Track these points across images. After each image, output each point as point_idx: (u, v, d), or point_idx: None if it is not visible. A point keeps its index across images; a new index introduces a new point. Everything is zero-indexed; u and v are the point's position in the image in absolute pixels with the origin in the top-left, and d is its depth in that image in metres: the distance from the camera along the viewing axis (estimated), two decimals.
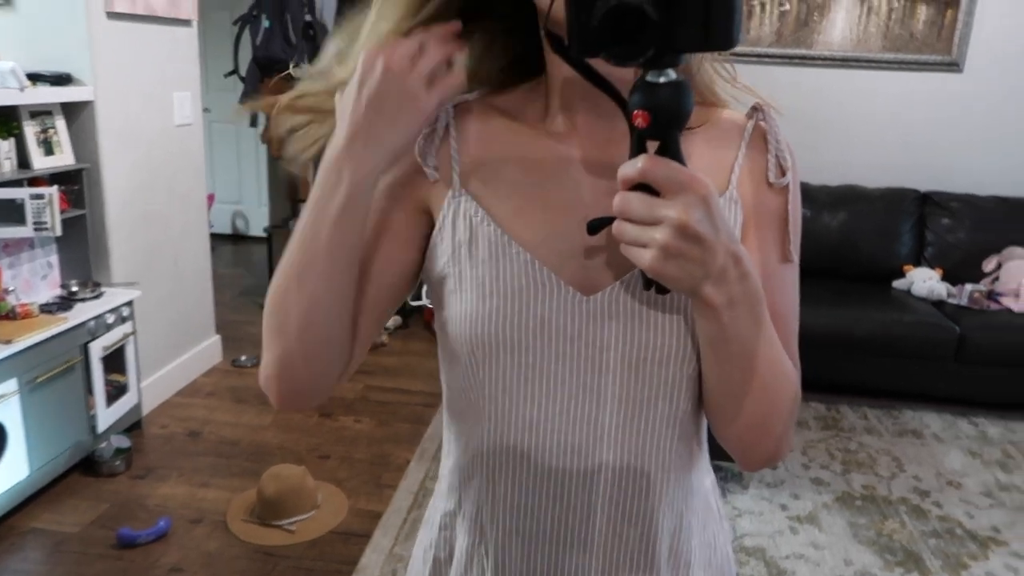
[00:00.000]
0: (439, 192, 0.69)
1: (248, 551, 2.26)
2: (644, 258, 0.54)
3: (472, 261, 0.66)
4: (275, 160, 4.25)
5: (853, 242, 3.68)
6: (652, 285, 0.60)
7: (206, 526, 2.37)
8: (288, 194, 4.21)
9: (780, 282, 0.68)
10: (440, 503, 0.78)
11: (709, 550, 0.76)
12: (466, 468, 0.73)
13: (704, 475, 0.76)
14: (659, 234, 0.53)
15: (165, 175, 3.07)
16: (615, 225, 0.55)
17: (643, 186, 0.54)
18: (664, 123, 0.54)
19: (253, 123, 3.96)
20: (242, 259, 5.46)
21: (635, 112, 0.54)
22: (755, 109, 0.70)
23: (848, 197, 3.74)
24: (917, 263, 3.68)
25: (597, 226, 0.60)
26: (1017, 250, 3.50)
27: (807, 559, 2.32)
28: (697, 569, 0.75)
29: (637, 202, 0.54)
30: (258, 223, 5.73)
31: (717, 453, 2.47)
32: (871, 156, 3.90)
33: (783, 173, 0.68)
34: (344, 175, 0.63)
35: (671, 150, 0.55)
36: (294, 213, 4.31)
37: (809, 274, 3.89)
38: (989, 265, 3.55)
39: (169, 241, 3.14)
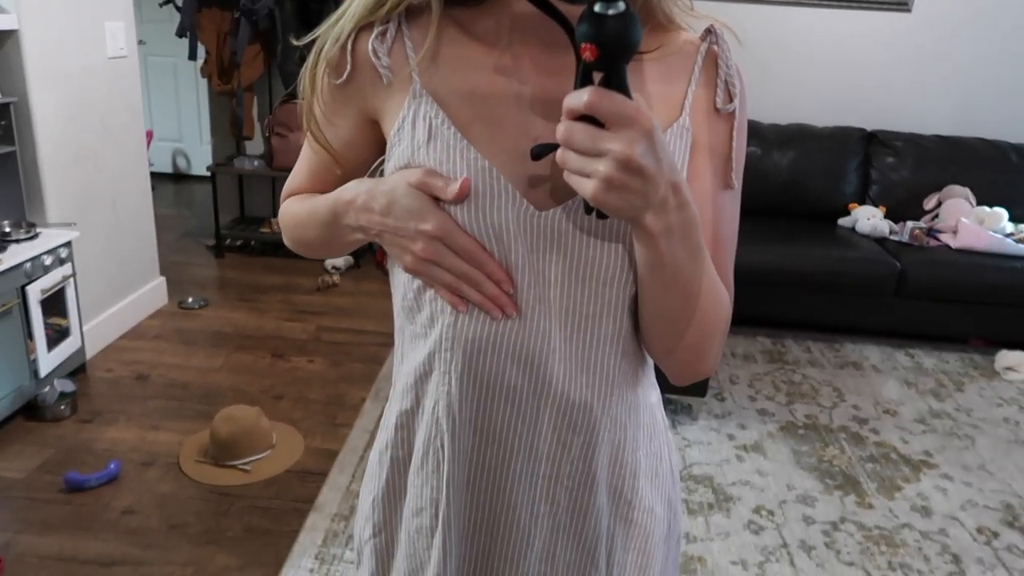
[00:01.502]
0: (392, 95, 0.69)
1: (203, 492, 2.25)
2: (587, 188, 0.55)
3: (430, 163, 0.67)
4: (218, 95, 4.08)
5: (801, 180, 3.74)
6: (593, 211, 0.62)
7: (158, 468, 2.34)
8: (232, 131, 4.06)
9: (720, 208, 0.71)
10: (395, 405, 0.80)
11: (656, 460, 0.80)
12: (423, 364, 0.74)
13: (649, 391, 0.80)
14: (602, 166, 0.54)
15: (99, 111, 2.93)
16: (559, 153, 0.56)
17: (588, 117, 0.54)
18: (611, 55, 0.53)
19: (192, 56, 3.79)
20: (184, 199, 5.30)
21: (583, 44, 0.53)
22: (708, 32, 0.71)
23: (797, 136, 3.78)
24: (862, 201, 3.76)
25: (540, 152, 0.60)
26: (956, 188, 3.61)
27: (752, 485, 2.42)
28: (643, 479, 0.78)
29: (581, 133, 0.54)
30: (200, 162, 5.55)
31: (671, 387, 2.52)
32: (820, 95, 3.94)
33: (731, 99, 0.69)
34: (343, 221, 0.74)
35: (617, 82, 0.54)
36: (239, 151, 4.17)
37: (758, 212, 3.99)
38: (929, 203, 3.66)
39: (106, 180, 3.02)
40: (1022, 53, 3.80)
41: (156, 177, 3.48)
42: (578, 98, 0.54)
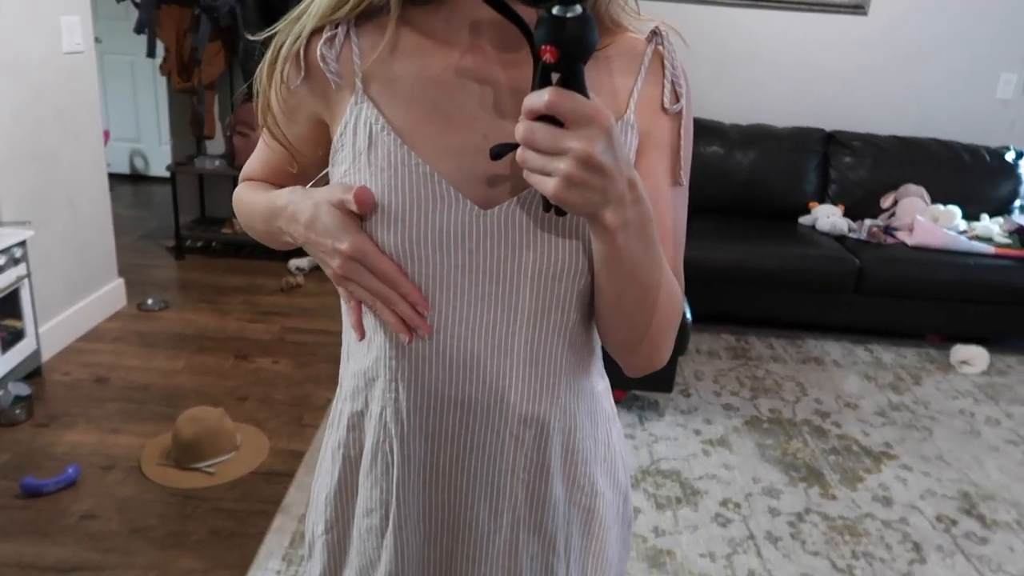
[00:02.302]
0: (340, 100, 0.70)
1: (165, 495, 2.20)
2: (548, 186, 0.56)
3: (371, 169, 0.68)
4: (178, 94, 4.01)
5: (762, 180, 3.80)
6: (552, 208, 0.63)
7: (119, 472, 2.29)
8: (192, 130, 3.98)
9: (670, 204, 0.73)
10: (346, 406, 0.80)
11: (604, 446, 0.82)
12: (369, 370, 0.75)
13: (596, 380, 0.81)
14: (563, 164, 0.55)
15: (55, 107, 2.85)
16: (519, 152, 0.57)
17: (547, 116, 0.55)
18: (570, 57, 0.55)
19: (151, 53, 3.71)
20: (143, 200, 5.19)
21: (543, 47, 0.55)
22: (654, 33, 0.72)
23: (758, 136, 3.84)
24: (821, 200, 3.84)
25: (500, 152, 0.61)
26: (912, 187, 3.70)
27: (719, 479, 2.44)
28: (594, 464, 0.80)
29: (542, 132, 0.55)
30: (159, 162, 5.43)
31: (638, 383, 2.54)
32: (780, 96, 4.01)
33: (677, 99, 0.71)
34: (275, 223, 0.76)
35: (576, 82, 0.56)
36: (199, 150, 4.10)
37: (720, 211, 4.05)
38: (886, 201, 3.75)
39: (63, 179, 2.94)
40: (976, 56, 3.92)
41: (113, 178, 3.40)
42: (538, 98, 0.55)
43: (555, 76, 0.56)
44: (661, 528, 2.19)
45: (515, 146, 0.58)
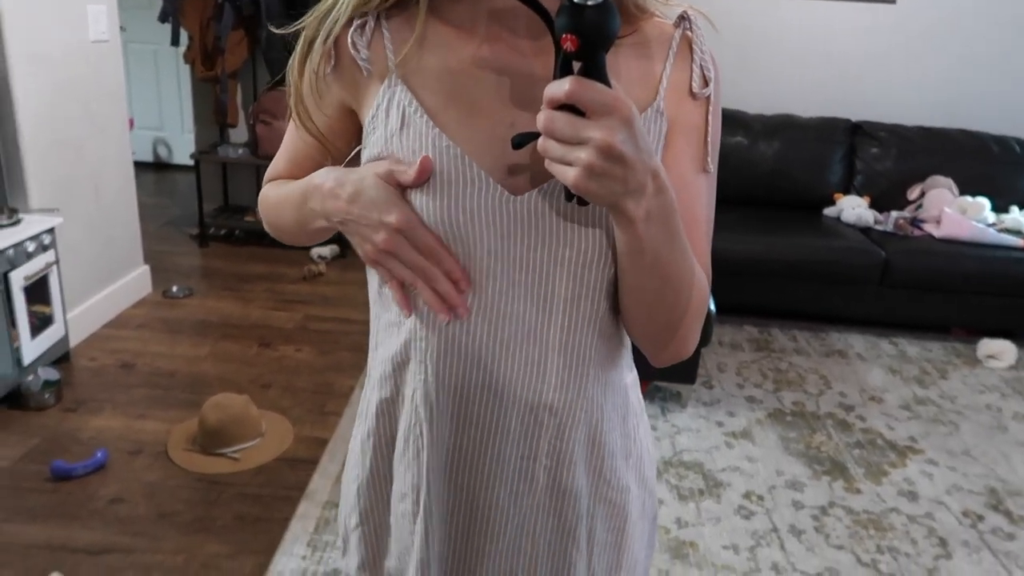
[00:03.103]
0: (370, 85, 0.71)
1: (191, 480, 2.23)
2: (569, 175, 0.56)
3: (403, 151, 0.68)
4: (201, 82, 4.03)
5: (787, 170, 3.76)
6: (574, 198, 0.63)
7: (146, 457, 2.32)
8: (216, 118, 4.01)
9: (697, 192, 0.71)
10: (374, 394, 0.80)
11: (630, 440, 0.81)
12: (398, 354, 0.75)
13: (625, 373, 0.80)
14: (584, 154, 0.55)
15: (81, 95, 2.88)
16: (541, 142, 0.57)
17: (568, 105, 0.55)
18: (591, 45, 0.55)
19: (175, 42, 3.73)
20: (166, 188, 5.23)
21: (563, 35, 0.54)
22: (682, 18, 0.72)
23: (783, 126, 3.80)
24: (847, 191, 3.79)
25: (521, 142, 0.61)
26: (939, 179, 3.64)
27: (742, 471, 2.43)
28: (619, 458, 0.80)
29: (563, 122, 0.55)
30: (182, 151, 5.48)
31: (660, 374, 2.53)
32: (805, 86, 3.96)
33: (706, 84, 0.70)
34: (309, 204, 0.75)
35: (597, 71, 0.55)
36: (223, 138, 4.12)
37: (744, 202, 4.01)
38: (913, 193, 3.70)
39: (89, 167, 2.97)
40: (1004, 45, 3.85)
41: (137, 166, 3.42)
42: (559, 87, 0.55)
43: (576, 65, 0.56)
44: (684, 520, 2.18)
45: (536, 135, 0.58)
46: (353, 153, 0.78)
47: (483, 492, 0.76)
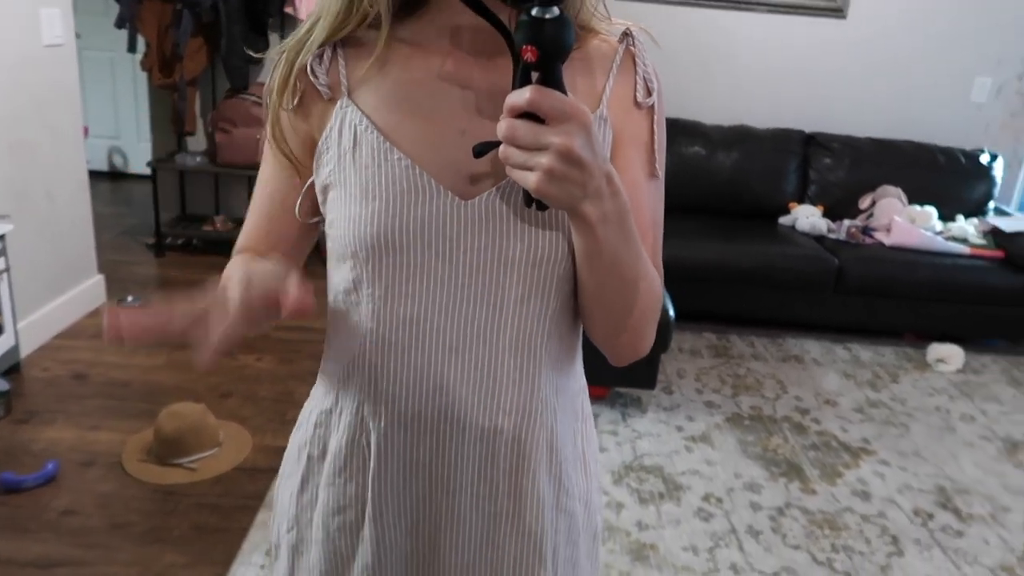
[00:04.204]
0: (327, 110, 0.73)
1: (147, 491, 2.19)
2: (530, 180, 0.58)
3: (356, 167, 0.71)
4: (158, 90, 3.97)
5: (744, 180, 3.84)
6: (533, 203, 0.65)
7: (99, 468, 2.27)
8: (173, 127, 3.95)
9: (646, 196, 0.75)
10: (316, 404, 0.81)
11: (578, 450, 0.83)
12: (348, 365, 0.76)
13: (574, 380, 0.82)
14: (544, 159, 0.57)
15: (34, 100, 2.82)
16: (502, 149, 0.59)
17: (528, 114, 0.58)
18: (549, 57, 0.58)
19: (132, 48, 3.68)
20: (121, 198, 5.13)
21: (524, 47, 0.57)
22: (625, 35, 0.75)
23: (739, 137, 3.88)
24: (801, 200, 3.88)
25: (482, 150, 0.64)
26: (890, 188, 3.76)
27: (701, 474, 2.47)
28: (571, 465, 0.81)
29: (524, 129, 0.58)
30: (138, 160, 5.37)
31: (620, 380, 2.57)
32: (761, 98, 4.06)
33: (649, 94, 0.74)
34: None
35: (554, 81, 0.58)
36: (180, 147, 4.06)
37: (702, 211, 4.07)
38: (864, 202, 3.80)
39: (42, 173, 2.91)
40: (950, 60, 3.99)
41: (92, 176, 3.35)
42: (520, 96, 0.57)
43: (535, 76, 0.59)
44: (644, 522, 2.21)
45: (497, 144, 0.60)
46: (309, 183, 0.77)
47: (444, 499, 0.76)
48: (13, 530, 1.99)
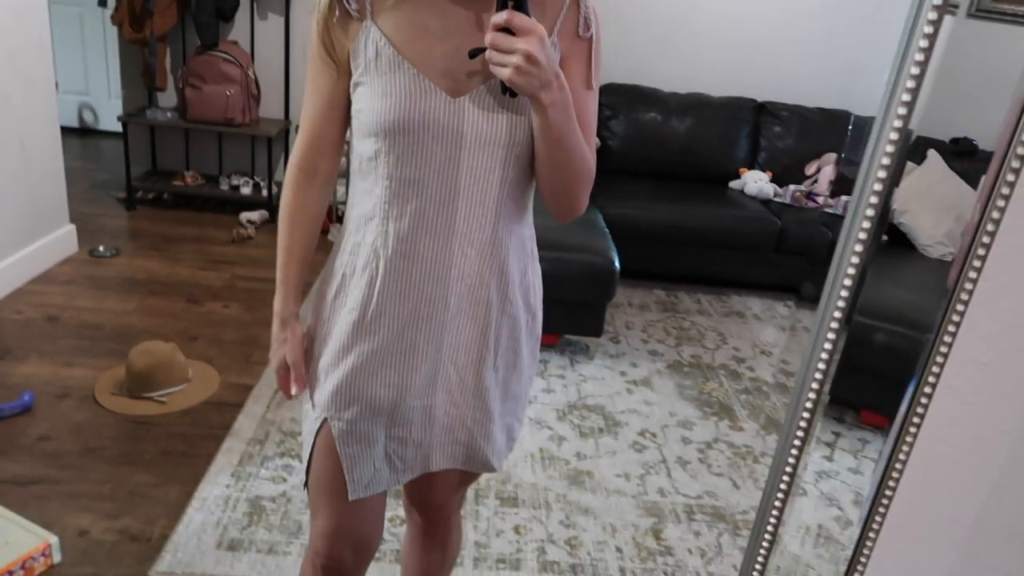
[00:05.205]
0: (355, 27, 1.01)
1: (118, 420, 2.33)
2: (504, 73, 0.90)
3: (377, 72, 1.00)
4: (128, 45, 4.03)
5: (697, 146, 4.01)
6: (507, 91, 0.96)
7: (73, 400, 2.41)
8: (144, 82, 4.02)
9: (585, 100, 1.06)
10: (351, 238, 1.10)
11: (522, 275, 1.14)
12: (368, 211, 1.06)
13: (525, 228, 1.14)
14: (514, 59, 0.88)
15: (5, 51, 2.90)
16: (488, 53, 0.90)
17: (504, 29, 0.88)
18: None
19: (102, 2, 3.73)
20: (92, 154, 5.18)
21: None
22: None
23: (694, 104, 4.05)
24: (751, 166, 4.07)
25: (475, 53, 0.94)
26: (833, 156, 3.95)
27: (639, 413, 2.67)
28: (516, 286, 1.13)
29: (501, 39, 0.89)
30: (108, 116, 5.42)
31: (569, 328, 2.78)
32: (716, 67, 4.22)
33: (588, 28, 1.05)
34: (277, 318, 1.17)
35: (523, 7, 0.89)
36: (151, 102, 4.14)
37: (656, 175, 4.23)
38: (810, 169, 4.00)
39: (14, 122, 2.99)
40: (891, 37, 4.16)
41: (63, 131, 3.42)
42: (500, 16, 0.88)
43: (510, 4, 0.88)
44: (583, 453, 2.40)
45: (483, 49, 0.90)
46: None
47: (424, 305, 1.07)
48: None
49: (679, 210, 3.66)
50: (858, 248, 0.83)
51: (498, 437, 1.19)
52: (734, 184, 4.01)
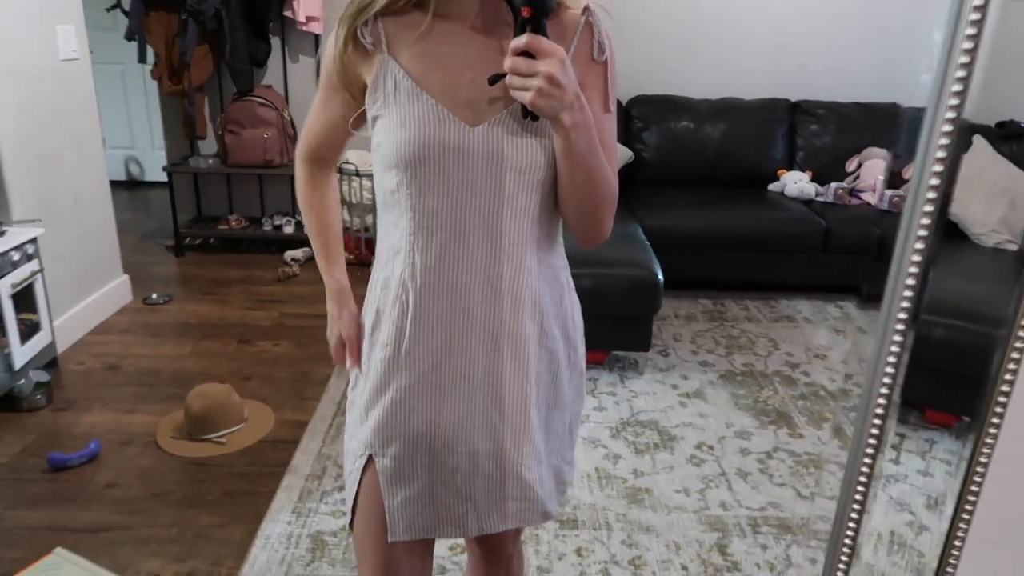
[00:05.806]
0: (372, 61, 1.02)
1: (181, 464, 2.38)
2: (526, 97, 0.89)
3: (396, 104, 1.00)
4: (169, 97, 4.17)
5: (732, 150, 3.97)
6: (528, 115, 0.96)
7: (136, 446, 2.47)
8: (185, 131, 4.15)
9: (604, 124, 1.04)
10: (381, 272, 1.10)
11: (556, 305, 1.12)
12: (395, 244, 1.06)
13: (556, 257, 1.12)
14: (536, 82, 0.88)
15: (56, 111, 3.02)
16: (508, 78, 0.90)
17: (524, 53, 0.88)
18: (539, 12, 0.89)
19: (142, 59, 3.87)
20: (140, 204, 5.35)
21: (522, 7, 0.89)
22: (586, 8, 1.04)
23: (726, 109, 4.01)
24: (789, 167, 4.01)
25: (494, 79, 0.94)
26: (874, 150, 3.87)
27: (694, 426, 2.63)
28: (552, 318, 1.11)
29: (522, 63, 0.88)
30: (153, 168, 5.60)
31: (617, 344, 2.77)
32: (746, 71, 4.18)
33: (602, 52, 1.03)
34: (329, 296, 1.24)
35: (541, 30, 0.89)
36: (193, 151, 4.26)
37: (693, 182, 4.21)
38: (851, 165, 3.92)
39: (67, 179, 3.11)
40: (923, 24, 4.08)
41: (111, 185, 3.56)
42: (520, 40, 0.88)
43: (528, 27, 0.88)
44: (640, 470, 2.37)
45: (503, 75, 0.90)
46: (358, 112, 1.08)
47: (458, 340, 1.05)
48: (64, 502, 2.19)
49: (720, 216, 3.63)
50: (919, 245, 0.79)
51: (546, 481, 1.14)
52: (773, 187, 3.95)
